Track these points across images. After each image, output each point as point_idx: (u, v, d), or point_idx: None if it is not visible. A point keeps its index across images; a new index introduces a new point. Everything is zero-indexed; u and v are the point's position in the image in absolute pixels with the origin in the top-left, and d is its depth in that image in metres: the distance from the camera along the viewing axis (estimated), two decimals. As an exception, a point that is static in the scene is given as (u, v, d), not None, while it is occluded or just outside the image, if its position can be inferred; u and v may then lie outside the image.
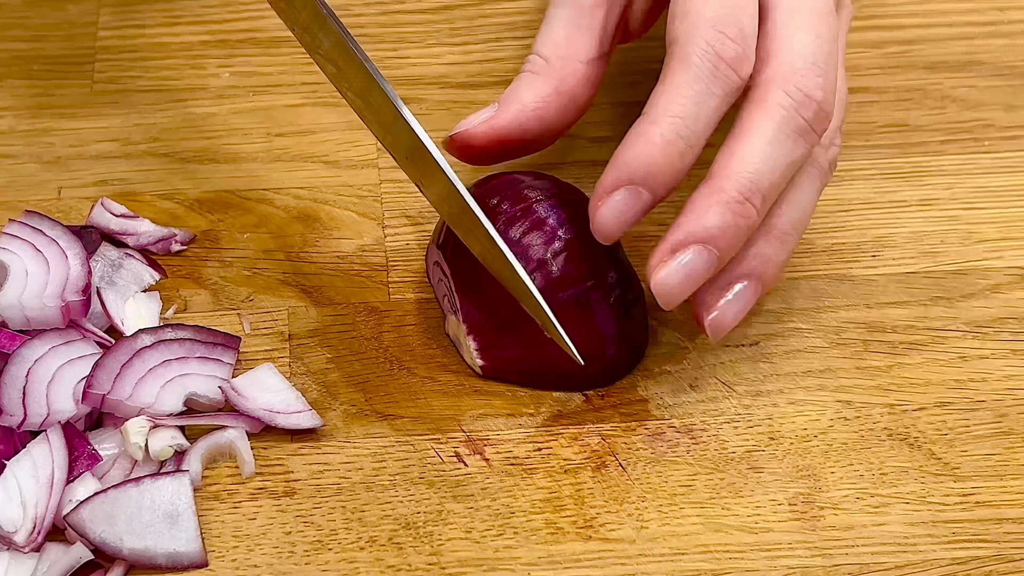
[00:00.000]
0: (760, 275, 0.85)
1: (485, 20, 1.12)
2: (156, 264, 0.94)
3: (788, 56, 0.84)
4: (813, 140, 0.83)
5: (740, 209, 0.81)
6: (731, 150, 0.82)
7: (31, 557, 0.79)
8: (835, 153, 0.90)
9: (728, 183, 0.81)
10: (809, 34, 0.84)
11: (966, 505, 0.84)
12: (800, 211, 0.87)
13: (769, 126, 0.82)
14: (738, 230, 0.82)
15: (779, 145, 0.82)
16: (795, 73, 0.83)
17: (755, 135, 0.82)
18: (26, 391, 0.83)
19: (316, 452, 0.86)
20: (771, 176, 0.82)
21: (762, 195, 0.82)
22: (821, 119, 0.83)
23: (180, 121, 1.04)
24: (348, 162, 1.01)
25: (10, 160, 1.01)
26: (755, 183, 0.81)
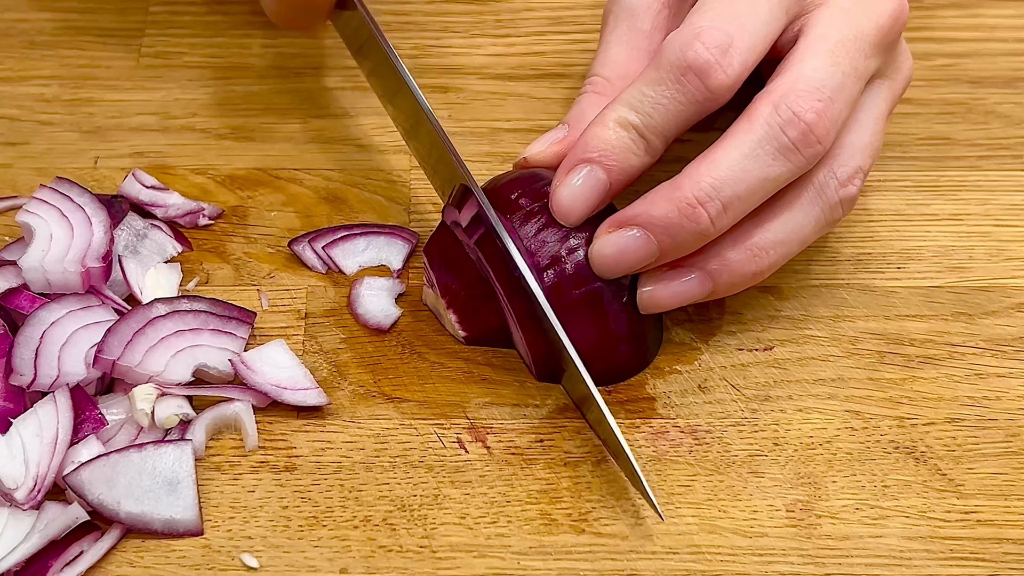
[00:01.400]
0: (714, 275, 0.85)
1: (531, 13, 1.12)
2: (182, 237, 0.95)
3: (792, 76, 0.83)
4: (797, 161, 0.82)
5: (689, 211, 0.81)
6: (705, 154, 0.83)
7: (30, 515, 0.80)
8: (851, 193, 0.87)
9: (687, 183, 0.82)
10: (824, 61, 0.84)
11: (967, 523, 0.83)
12: (787, 233, 0.86)
13: (748, 138, 0.82)
14: (683, 230, 0.82)
15: (754, 159, 0.82)
16: (791, 91, 0.82)
17: (732, 145, 0.82)
18: (39, 352, 0.85)
19: (320, 430, 0.86)
20: (736, 187, 0.82)
21: (721, 203, 0.81)
22: (808, 141, 0.82)
23: (220, 98, 1.06)
24: (381, 147, 1.02)
25: (51, 127, 1.03)
26: (715, 190, 0.81)
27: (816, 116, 0.82)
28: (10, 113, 1.04)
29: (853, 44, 0.85)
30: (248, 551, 0.81)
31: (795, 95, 0.82)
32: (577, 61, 1.08)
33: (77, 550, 0.80)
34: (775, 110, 0.82)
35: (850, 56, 0.85)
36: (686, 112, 0.83)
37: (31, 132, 1.03)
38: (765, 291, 0.93)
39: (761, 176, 0.82)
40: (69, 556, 0.80)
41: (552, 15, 1.12)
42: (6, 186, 0.99)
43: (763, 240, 0.85)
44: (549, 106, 1.05)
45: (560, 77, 1.07)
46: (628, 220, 0.83)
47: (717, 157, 0.82)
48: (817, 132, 0.82)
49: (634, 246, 0.83)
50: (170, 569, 0.80)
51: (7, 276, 0.89)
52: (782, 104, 0.82)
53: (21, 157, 1.01)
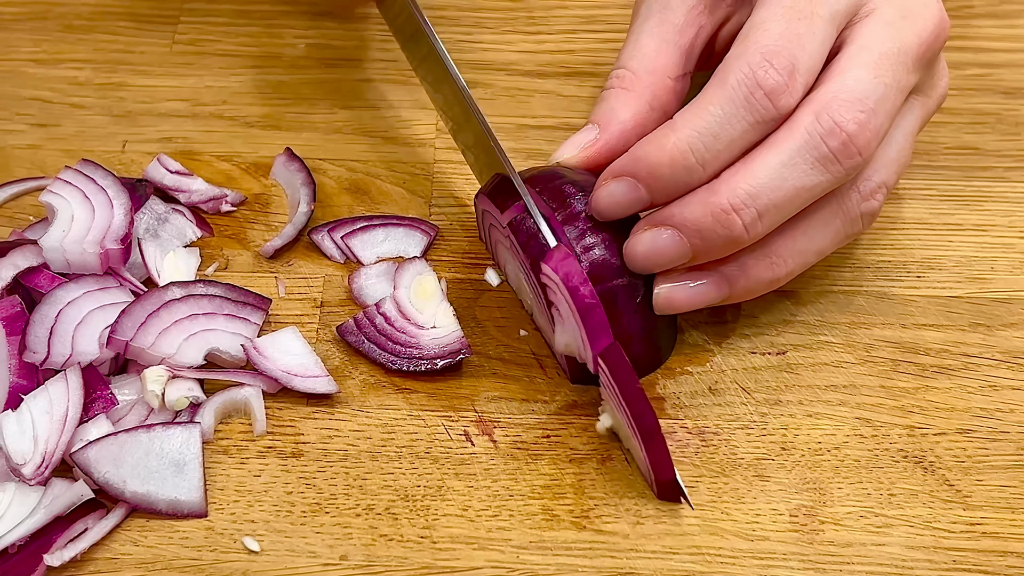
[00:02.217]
0: (731, 280, 0.85)
1: (563, 12, 1.12)
2: (204, 222, 0.96)
3: (835, 86, 0.82)
4: (836, 172, 0.82)
5: (723, 217, 0.81)
6: (745, 160, 0.82)
7: (36, 490, 0.81)
8: (873, 207, 0.87)
9: (724, 189, 0.81)
10: (867, 72, 0.83)
11: (972, 535, 0.82)
12: (806, 243, 0.86)
13: (788, 146, 0.81)
14: (715, 235, 0.82)
15: (793, 167, 0.81)
16: (834, 101, 0.82)
17: (772, 152, 0.81)
18: (53, 331, 0.86)
19: (328, 418, 0.87)
20: (773, 195, 0.81)
21: (756, 211, 0.81)
22: (849, 152, 0.81)
23: (250, 87, 1.06)
24: (406, 139, 1.02)
25: (82, 110, 1.04)
26: (751, 197, 0.81)
27: (858, 127, 0.81)
28: (43, 95, 1.05)
29: (896, 57, 0.84)
30: (250, 534, 0.82)
31: (837, 104, 0.81)
32: (607, 60, 1.08)
33: (82, 527, 0.81)
34: (816, 119, 0.81)
35: (893, 69, 0.84)
36: (749, 134, 0.82)
37: (62, 114, 1.04)
38: (782, 295, 0.93)
39: (798, 185, 0.81)
40: (73, 532, 0.81)
41: (584, 14, 1.12)
42: (35, 167, 1.00)
43: (782, 248, 0.85)
44: (576, 104, 1.05)
45: (589, 76, 1.07)
46: (663, 220, 0.83)
47: (755, 164, 0.81)
48: (858, 143, 0.81)
49: (666, 246, 0.83)
50: (173, 549, 0.81)
51: (27, 255, 0.90)
52: (824, 113, 0.81)
53: (51, 139, 1.02)
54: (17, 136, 1.03)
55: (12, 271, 0.89)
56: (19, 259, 0.89)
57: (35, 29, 1.10)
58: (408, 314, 0.89)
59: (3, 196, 0.98)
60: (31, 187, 0.98)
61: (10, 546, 0.80)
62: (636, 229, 0.84)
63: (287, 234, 0.95)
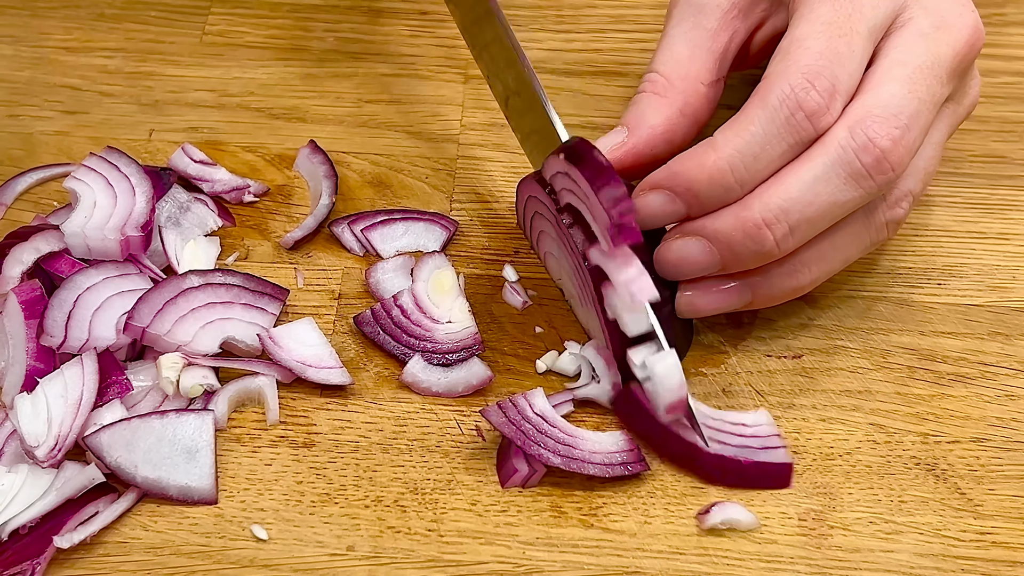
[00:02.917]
0: (754, 287, 0.85)
1: (593, 11, 1.12)
2: (226, 212, 0.97)
3: (870, 101, 0.82)
4: (869, 187, 0.81)
5: (754, 232, 0.81)
6: (779, 175, 0.82)
7: (49, 473, 0.82)
8: (898, 215, 0.87)
9: (756, 204, 0.81)
10: (902, 87, 0.82)
11: (982, 544, 0.82)
12: (831, 251, 0.85)
13: (822, 161, 0.81)
14: (746, 248, 0.82)
15: (826, 182, 0.81)
16: (868, 117, 0.81)
17: (805, 167, 0.81)
18: (71, 315, 0.86)
19: (341, 409, 0.87)
20: (806, 210, 0.81)
21: (788, 225, 0.81)
22: (882, 168, 0.81)
23: (278, 79, 1.07)
24: (430, 134, 1.03)
25: (110, 99, 1.05)
26: (784, 212, 0.81)
27: (892, 143, 0.81)
28: (72, 82, 1.06)
29: (930, 71, 0.84)
30: (259, 522, 0.82)
31: (871, 120, 0.81)
32: (634, 60, 1.08)
33: (92, 510, 0.81)
34: (850, 134, 0.81)
35: (927, 83, 0.83)
36: (787, 153, 0.82)
37: (91, 102, 1.05)
38: (800, 299, 0.92)
39: (831, 200, 0.81)
40: (84, 515, 0.81)
41: (614, 13, 1.12)
42: (62, 153, 1.01)
43: (807, 256, 0.85)
44: (602, 103, 1.05)
45: (616, 75, 1.07)
46: (695, 231, 0.83)
47: (788, 178, 0.81)
48: (892, 159, 0.81)
49: (696, 256, 0.83)
50: (182, 535, 0.82)
51: (49, 240, 0.90)
52: (857, 129, 0.81)
53: (79, 126, 1.03)
54: (46, 122, 1.04)
55: (34, 255, 0.90)
56: (41, 244, 0.90)
57: (67, 17, 1.11)
58: (425, 307, 0.90)
59: (29, 181, 0.99)
60: (57, 173, 0.99)
61: (21, 527, 0.80)
62: (668, 236, 0.85)
63: (307, 226, 0.95)
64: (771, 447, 0.84)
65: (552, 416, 0.84)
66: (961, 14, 0.86)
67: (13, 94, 1.06)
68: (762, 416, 0.86)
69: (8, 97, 1.05)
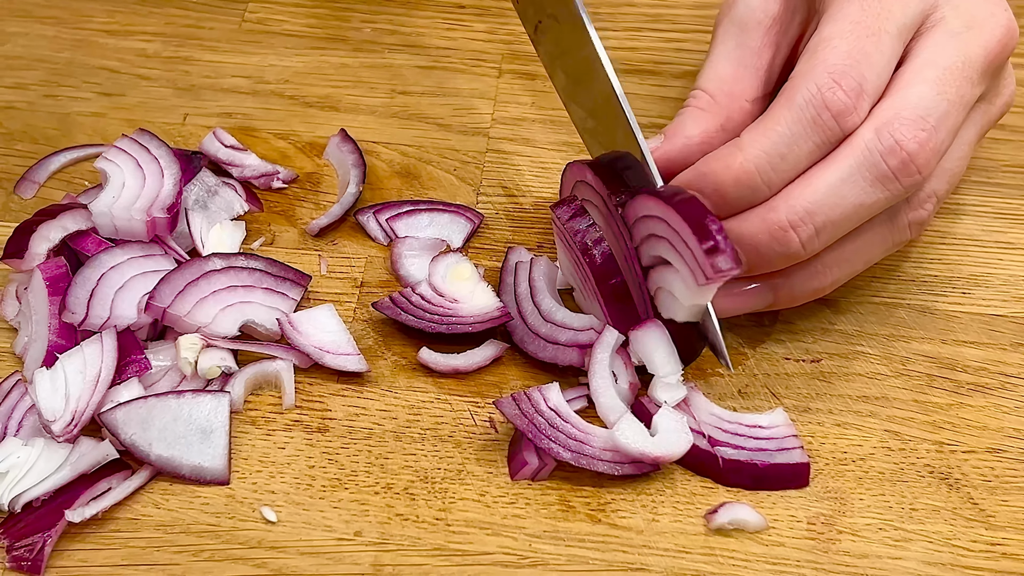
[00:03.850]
0: (776, 289, 0.85)
1: (631, 9, 1.12)
2: (255, 197, 0.98)
3: (898, 102, 0.81)
4: (895, 189, 0.81)
5: (780, 234, 0.81)
6: (805, 176, 0.81)
7: (64, 447, 0.83)
8: (922, 217, 0.86)
9: (782, 205, 0.81)
10: (931, 88, 0.82)
11: (991, 555, 0.81)
12: (853, 252, 0.85)
13: (848, 163, 0.81)
14: (772, 251, 0.81)
15: (852, 184, 0.81)
16: (895, 118, 0.81)
17: (831, 168, 0.81)
18: (94, 293, 0.87)
19: (357, 396, 0.88)
20: (832, 212, 0.81)
21: (814, 227, 0.81)
22: (908, 171, 0.81)
23: (313, 67, 1.08)
24: (460, 127, 1.03)
25: (147, 82, 1.06)
26: (810, 214, 0.80)
27: (918, 146, 0.80)
28: (111, 65, 1.08)
29: (961, 72, 0.83)
30: (269, 505, 0.83)
31: (899, 122, 0.80)
32: (669, 60, 1.08)
33: (105, 486, 0.82)
34: (877, 136, 0.80)
35: (957, 84, 0.83)
36: (814, 153, 0.81)
37: (128, 85, 1.06)
38: (822, 304, 0.92)
39: (857, 202, 0.81)
40: (97, 491, 0.82)
41: (651, 12, 1.12)
42: (97, 134, 1.02)
43: (828, 257, 0.84)
44: (635, 101, 1.05)
45: (650, 74, 1.07)
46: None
47: (815, 180, 0.81)
48: (918, 162, 0.80)
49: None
50: (192, 514, 0.82)
51: (77, 218, 0.92)
52: (885, 131, 0.80)
53: (115, 108, 1.05)
54: (83, 103, 1.05)
55: (61, 233, 0.91)
56: (68, 222, 0.91)
57: (110, 0, 1.12)
58: (444, 293, 0.90)
59: (63, 161, 1.00)
60: (90, 153, 1.00)
61: (35, 500, 0.81)
62: None
63: (333, 213, 0.96)
64: (788, 448, 0.84)
65: (566, 411, 0.85)
66: (993, 13, 0.85)
67: (53, 74, 1.07)
68: (778, 416, 0.85)
69: (47, 77, 1.07)
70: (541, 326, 0.89)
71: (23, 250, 0.89)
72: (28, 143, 1.02)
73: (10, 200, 0.98)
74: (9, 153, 1.01)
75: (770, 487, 0.83)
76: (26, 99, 1.05)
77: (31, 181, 0.99)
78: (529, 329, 0.89)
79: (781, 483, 0.83)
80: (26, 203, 0.98)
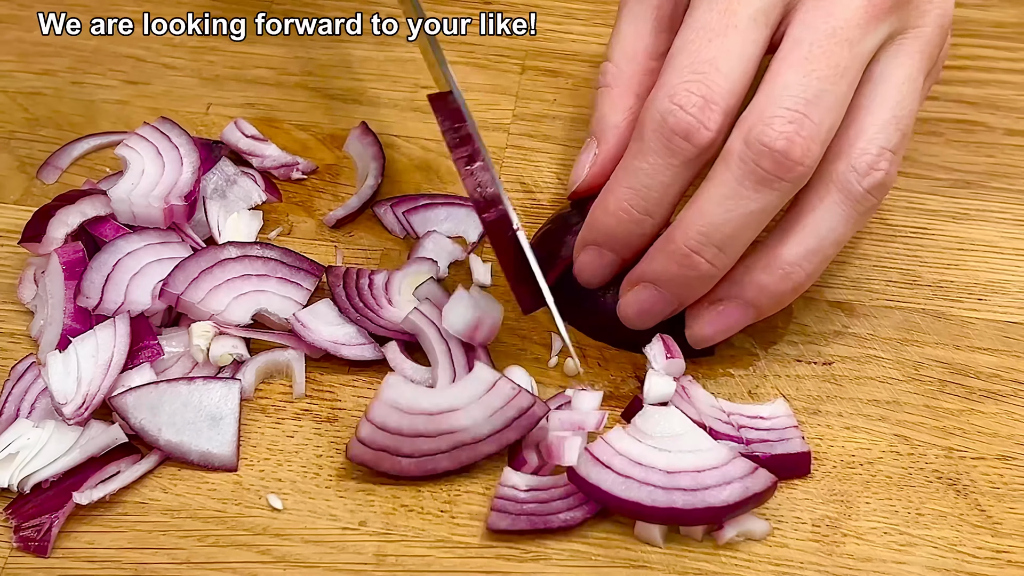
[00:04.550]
0: (753, 302, 0.85)
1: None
2: (274, 187, 0.98)
3: (762, 100, 0.80)
4: (782, 188, 0.80)
5: (685, 261, 0.81)
6: (692, 201, 0.81)
7: (75, 430, 0.83)
8: (878, 178, 0.82)
9: (678, 235, 0.81)
10: (796, 72, 0.80)
11: (997, 562, 0.81)
12: (817, 241, 0.83)
13: (727, 178, 0.80)
14: (686, 278, 0.82)
15: (737, 198, 0.80)
16: (759, 121, 0.79)
17: (713, 188, 0.81)
18: (109, 278, 0.88)
19: (367, 387, 0.88)
20: (726, 228, 0.80)
21: (716, 246, 0.81)
22: (787, 167, 0.79)
23: (338, 60, 1.08)
24: (481, 123, 1.03)
25: (173, 71, 1.07)
26: (706, 236, 0.81)
27: (787, 142, 0.79)
28: (137, 53, 1.08)
29: (829, 40, 0.81)
30: (276, 492, 0.83)
31: (763, 124, 0.79)
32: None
33: (114, 469, 0.83)
34: (746, 145, 0.79)
35: (827, 55, 0.80)
36: (683, 173, 0.82)
37: (153, 73, 1.07)
38: (835, 306, 0.92)
39: (747, 211, 0.80)
40: (105, 474, 0.83)
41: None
42: (120, 122, 1.03)
43: (792, 255, 0.83)
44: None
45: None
46: (637, 278, 0.85)
47: (701, 202, 0.81)
48: (794, 156, 0.79)
49: (650, 300, 0.85)
50: (199, 500, 0.83)
51: (96, 204, 0.92)
52: (751, 136, 0.79)
53: (140, 96, 1.05)
54: (108, 91, 1.06)
55: (79, 218, 0.91)
56: (87, 207, 0.92)
57: (139, -11, 1.13)
58: (391, 292, 0.90)
59: (86, 147, 1.01)
60: (113, 140, 1.01)
61: (44, 481, 0.82)
62: (620, 292, 0.86)
63: (351, 205, 0.96)
64: (788, 438, 0.84)
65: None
66: None
67: (79, 61, 1.08)
68: (780, 407, 0.85)
69: (74, 64, 1.08)
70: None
71: (41, 234, 0.90)
72: (53, 129, 1.03)
73: (32, 185, 0.99)
74: (34, 139, 1.02)
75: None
76: (53, 85, 1.06)
77: (54, 167, 1.00)
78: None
79: (784, 473, 0.83)
80: (48, 188, 0.99)
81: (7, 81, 1.06)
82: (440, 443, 0.82)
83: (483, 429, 0.82)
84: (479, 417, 0.82)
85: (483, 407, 0.82)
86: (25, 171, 1.00)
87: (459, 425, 0.82)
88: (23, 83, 1.06)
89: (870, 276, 0.94)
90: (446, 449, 0.82)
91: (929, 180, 1.00)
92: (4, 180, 1.00)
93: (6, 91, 1.06)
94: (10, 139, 1.02)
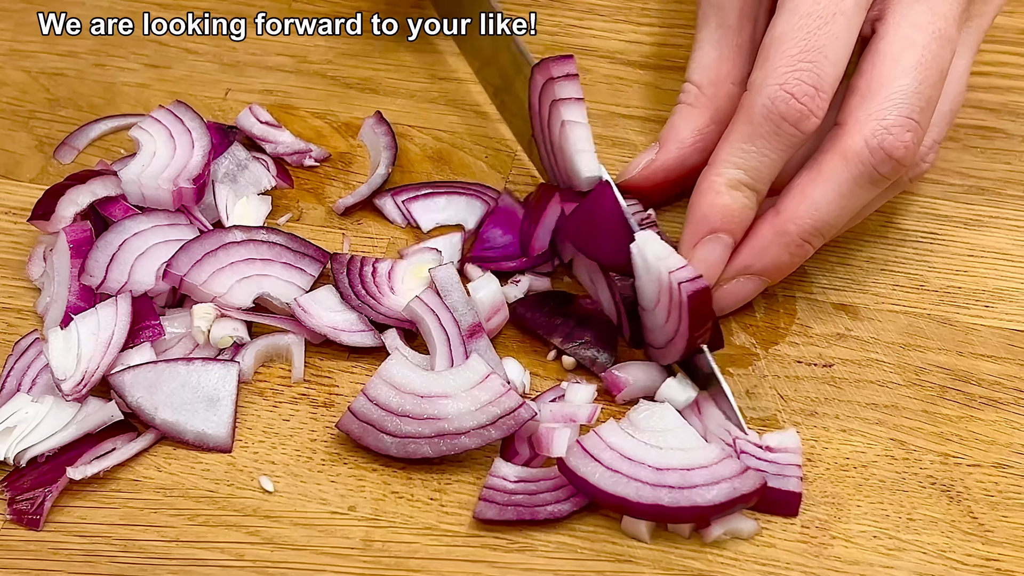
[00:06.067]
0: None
1: (679, 6, 1.12)
2: (286, 174, 0.99)
3: (883, 104, 0.83)
4: (886, 184, 0.85)
5: (799, 251, 0.85)
6: (803, 191, 0.84)
7: (73, 406, 0.84)
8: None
9: (793, 227, 0.84)
10: (912, 80, 0.83)
11: (986, 570, 0.80)
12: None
13: (845, 177, 0.83)
14: (792, 262, 0.85)
15: (851, 196, 0.84)
16: (883, 128, 0.83)
17: (829, 182, 0.83)
18: (115, 258, 0.89)
19: (365, 374, 0.89)
20: (837, 221, 0.84)
21: (823, 236, 0.85)
22: (897, 172, 0.84)
23: (357, 49, 1.09)
24: (496, 115, 1.04)
25: (194, 56, 1.08)
26: (819, 228, 0.84)
27: (906, 151, 0.83)
28: (160, 38, 1.10)
29: (938, 44, 0.84)
30: (268, 475, 0.84)
31: (888, 132, 0.83)
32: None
33: (109, 446, 0.84)
34: (868, 149, 0.83)
35: (936, 60, 0.84)
36: (785, 155, 0.84)
37: (175, 58, 1.08)
38: (839, 308, 0.91)
39: (856, 206, 0.85)
40: (100, 451, 0.84)
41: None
42: (139, 104, 1.05)
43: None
44: (671, 98, 1.03)
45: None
46: (745, 270, 0.87)
47: (816, 197, 0.84)
48: (907, 163, 0.83)
49: (749, 290, 0.88)
50: (192, 479, 0.84)
51: (107, 184, 0.93)
52: (874, 141, 0.83)
53: (160, 80, 1.07)
54: (129, 74, 1.07)
55: (89, 198, 0.92)
56: (98, 187, 0.93)
57: (165, -27, 1.14)
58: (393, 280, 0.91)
59: (103, 129, 1.02)
60: (130, 123, 1.02)
61: (39, 456, 0.83)
62: (720, 282, 0.87)
63: (360, 193, 0.97)
64: (785, 475, 0.83)
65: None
66: None
67: (103, 44, 1.09)
68: (790, 440, 0.84)
69: (97, 47, 1.09)
70: None
71: (50, 212, 0.91)
72: (72, 110, 1.04)
73: (49, 164, 1.00)
74: (53, 119, 1.04)
75: (755, 508, 0.82)
76: (76, 67, 1.07)
77: (71, 147, 1.01)
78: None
79: (768, 507, 0.82)
80: (64, 168, 1.00)
81: (30, 61, 1.08)
82: (423, 428, 0.82)
83: (467, 422, 0.82)
84: (464, 409, 0.82)
85: (470, 399, 0.82)
86: (43, 151, 1.01)
87: (444, 413, 0.82)
88: (46, 63, 1.07)
89: (877, 279, 0.93)
90: (428, 435, 0.82)
91: (943, 185, 0.99)
92: (22, 159, 1.01)
93: (29, 71, 1.07)
94: (30, 118, 1.03)
